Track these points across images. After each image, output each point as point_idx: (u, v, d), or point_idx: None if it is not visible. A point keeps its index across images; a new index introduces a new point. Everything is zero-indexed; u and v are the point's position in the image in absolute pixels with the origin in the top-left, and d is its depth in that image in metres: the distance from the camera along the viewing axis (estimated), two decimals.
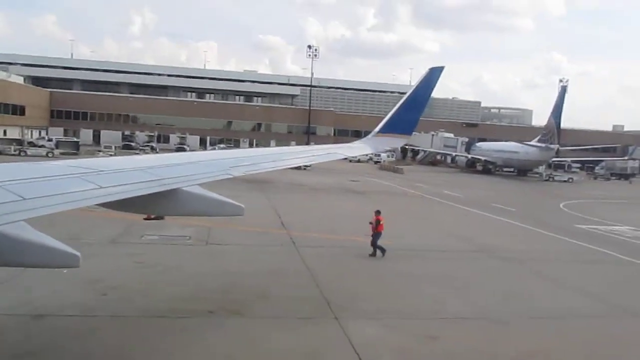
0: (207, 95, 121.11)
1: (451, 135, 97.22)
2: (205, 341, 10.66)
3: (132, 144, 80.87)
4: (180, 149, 73.12)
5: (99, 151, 62.77)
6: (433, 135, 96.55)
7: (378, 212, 19.57)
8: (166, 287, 14.05)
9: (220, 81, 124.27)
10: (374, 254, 19.07)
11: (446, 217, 32.28)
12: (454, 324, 12.75)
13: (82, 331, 10.74)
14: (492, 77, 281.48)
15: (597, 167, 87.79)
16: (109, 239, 19.34)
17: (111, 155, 51.68)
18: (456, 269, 18.48)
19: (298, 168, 59.13)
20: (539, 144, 70.45)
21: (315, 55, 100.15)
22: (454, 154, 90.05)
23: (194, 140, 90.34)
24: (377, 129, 15.20)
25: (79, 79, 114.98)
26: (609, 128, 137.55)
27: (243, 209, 8.29)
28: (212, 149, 68.83)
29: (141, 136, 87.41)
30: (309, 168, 61.49)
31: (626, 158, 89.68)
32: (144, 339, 10.62)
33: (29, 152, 57.00)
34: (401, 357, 10.62)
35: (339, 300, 13.66)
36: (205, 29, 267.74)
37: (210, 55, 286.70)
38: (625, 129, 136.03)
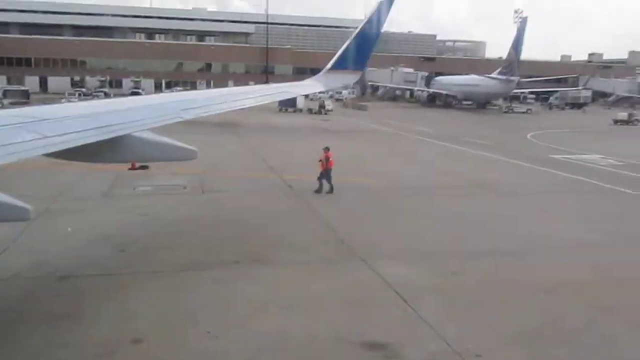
0: (157, 35, 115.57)
1: (411, 70, 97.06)
2: (243, 291, 10.48)
3: (83, 90, 77.02)
4: (134, 94, 70.00)
5: (62, 98, 59.32)
6: (392, 70, 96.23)
7: (327, 149, 19.35)
8: (181, 240, 13.65)
9: (170, 20, 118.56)
10: (319, 190, 19.08)
11: (426, 153, 32.52)
12: (473, 260, 12.96)
13: (113, 290, 10.33)
14: (443, 9, 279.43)
15: (551, 98, 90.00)
16: (100, 192, 18.55)
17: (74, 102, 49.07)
18: (456, 205, 18.69)
19: (320, 112, 57.90)
20: (500, 77, 71.31)
21: None
22: (415, 88, 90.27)
23: (148, 84, 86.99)
24: (329, 65, 14.92)
25: (16, 22, 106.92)
26: (557, 58, 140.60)
27: (196, 153, 8.17)
28: (168, 92, 66.28)
29: (92, 81, 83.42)
30: (329, 112, 59.73)
31: (580, 88, 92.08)
32: (182, 292, 10.32)
33: None
34: (439, 294, 10.74)
35: (357, 242, 13.66)
36: None
37: None
38: (572, 59, 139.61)
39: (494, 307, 10.17)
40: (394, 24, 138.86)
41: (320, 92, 57.61)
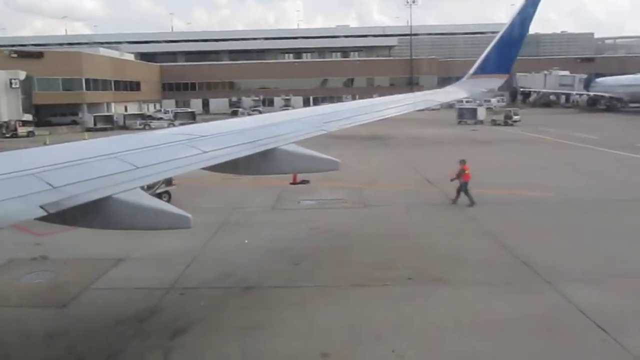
0: (304, 54, 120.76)
1: (567, 72, 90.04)
2: (423, 309, 10.18)
3: (240, 109, 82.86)
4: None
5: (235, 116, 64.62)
6: (546, 74, 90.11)
7: (463, 162, 19.14)
8: (351, 254, 13.73)
9: (315, 39, 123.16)
10: (455, 201, 19.09)
11: (596, 162, 29.64)
12: None
13: (295, 302, 10.62)
14: (599, 3, 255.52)
15: None
16: (268, 206, 19.54)
17: None
18: None
19: (506, 123, 52.30)
20: None
21: (414, 2, 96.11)
22: (573, 92, 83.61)
23: (297, 100, 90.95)
24: (472, 70, 14.30)
25: (182, 51, 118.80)
26: None
27: (339, 164, 8.12)
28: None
29: (248, 101, 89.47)
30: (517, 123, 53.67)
31: None
32: (361, 308, 10.30)
33: (152, 124, 59.91)
34: None
35: (538, 262, 12.65)
36: None
37: (297, 14, 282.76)
38: None
39: None
40: (543, 24, 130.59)
41: (466, 100, 55.69)
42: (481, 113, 57.78)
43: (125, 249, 13.98)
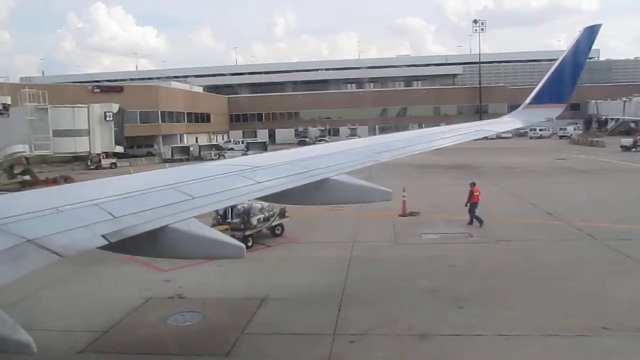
0: (366, 84, 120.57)
1: None
2: None
3: (307, 139, 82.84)
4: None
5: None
6: (626, 101, 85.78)
7: (473, 184, 20.75)
8: (515, 296, 12.12)
9: (377, 69, 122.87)
10: (470, 223, 19.88)
11: None
12: None
13: (491, 355, 9.26)
14: None
15: None
16: (388, 239, 18.30)
17: None
18: None
19: None
20: None
21: (482, 30, 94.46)
22: None
23: (362, 130, 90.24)
24: (528, 100, 13.93)
25: (246, 84, 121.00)
26: None
27: (391, 194, 8.07)
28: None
29: (314, 131, 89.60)
30: None
31: None
32: None
33: (226, 155, 60.25)
34: None
35: None
36: (341, 20, 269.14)
37: (350, 44, 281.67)
38: None
39: None
40: (608, 52, 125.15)
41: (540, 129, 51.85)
42: None
43: (260, 286, 13.11)
